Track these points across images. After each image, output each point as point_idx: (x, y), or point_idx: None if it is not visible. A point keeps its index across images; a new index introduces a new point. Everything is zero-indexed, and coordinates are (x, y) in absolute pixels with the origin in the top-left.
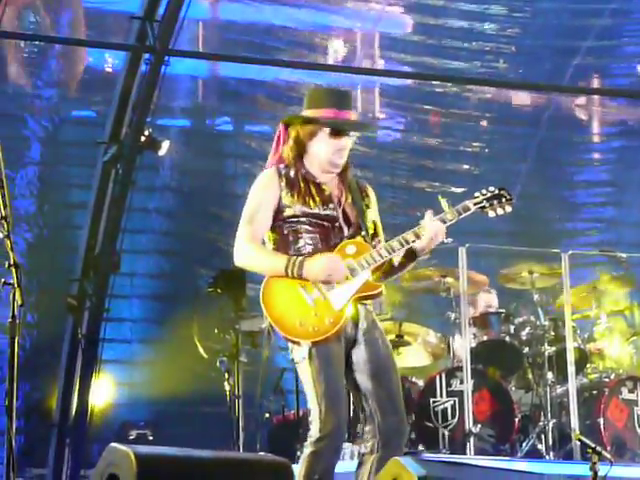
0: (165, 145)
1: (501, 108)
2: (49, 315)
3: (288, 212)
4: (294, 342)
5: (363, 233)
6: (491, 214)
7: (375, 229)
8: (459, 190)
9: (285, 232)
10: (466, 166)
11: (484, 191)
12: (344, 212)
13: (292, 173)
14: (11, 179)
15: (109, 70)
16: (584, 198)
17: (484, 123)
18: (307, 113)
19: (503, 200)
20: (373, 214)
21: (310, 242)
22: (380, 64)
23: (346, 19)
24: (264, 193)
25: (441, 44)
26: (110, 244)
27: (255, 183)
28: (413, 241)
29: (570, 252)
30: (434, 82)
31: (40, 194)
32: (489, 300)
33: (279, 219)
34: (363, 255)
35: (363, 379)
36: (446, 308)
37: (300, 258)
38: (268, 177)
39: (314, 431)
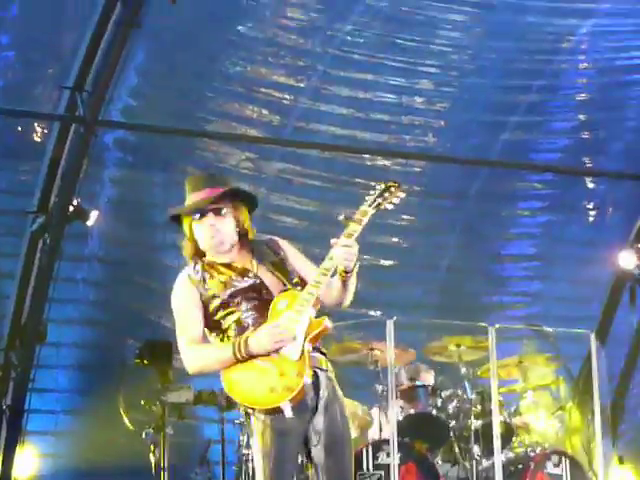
0: (93, 215)
1: (430, 181)
2: None
3: (216, 302)
4: (251, 409)
5: (289, 286)
6: (389, 206)
7: (299, 277)
8: (388, 263)
9: (223, 321)
10: (395, 239)
11: (372, 191)
12: (261, 278)
13: (199, 268)
14: None
15: (38, 139)
16: (511, 272)
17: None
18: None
19: (393, 189)
20: (292, 264)
21: (249, 319)
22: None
23: (276, 91)
24: (185, 300)
25: (370, 118)
26: (37, 314)
27: (174, 293)
28: (333, 269)
29: (497, 326)
30: (363, 155)
31: None
32: (426, 379)
33: (212, 314)
34: (295, 303)
35: (317, 451)
36: (373, 381)
37: (243, 338)
38: (182, 283)
39: None
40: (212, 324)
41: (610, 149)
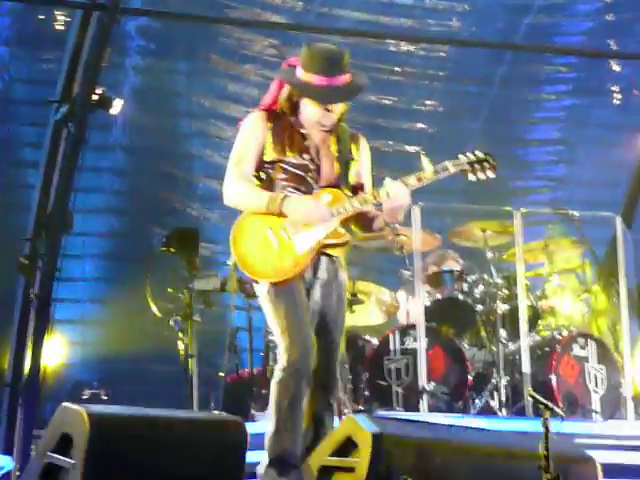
0: (117, 103)
1: (454, 67)
2: (0, 275)
3: (266, 157)
4: (254, 280)
5: (341, 185)
6: (471, 177)
7: (359, 182)
8: (413, 149)
9: (262, 177)
10: (420, 125)
11: (469, 154)
12: (320, 163)
13: (280, 119)
14: None
15: (60, 28)
16: (536, 156)
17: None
18: (300, 73)
19: (486, 165)
20: (360, 166)
21: (285, 185)
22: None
23: None
24: (251, 135)
25: (393, 2)
26: (62, 203)
27: (243, 125)
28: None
29: (522, 210)
30: (387, 40)
31: None
32: (452, 264)
33: (261, 161)
34: (336, 204)
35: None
36: (400, 266)
37: (282, 194)
38: (255, 120)
39: (280, 361)
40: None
41: (635, 31)
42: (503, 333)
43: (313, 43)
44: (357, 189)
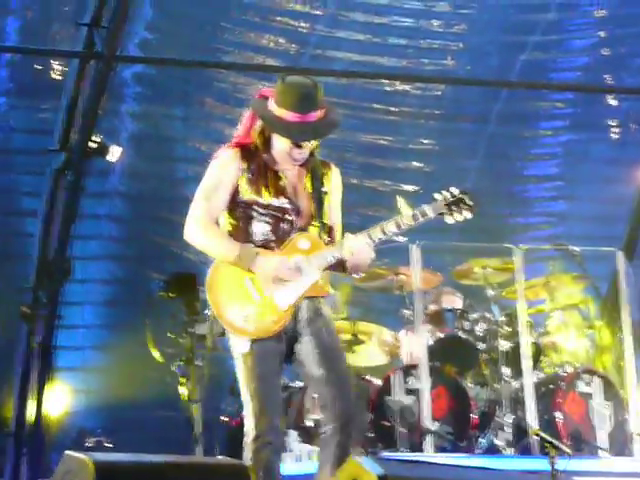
0: (114, 150)
1: (450, 105)
2: (3, 324)
3: (242, 197)
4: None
5: (317, 224)
6: (449, 220)
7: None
8: (411, 188)
9: (238, 217)
10: (417, 164)
11: (445, 193)
12: (297, 202)
13: (254, 157)
14: None
15: (58, 77)
16: (535, 192)
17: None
18: (272, 107)
19: (462, 205)
20: (333, 199)
21: (261, 231)
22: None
23: (292, 19)
24: (224, 172)
25: (387, 43)
26: (62, 251)
27: (215, 160)
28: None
29: (523, 247)
30: (382, 81)
31: None
32: (453, 302)
33: (234, 201)
34: (314, 252)
35: (312, 369)
36: (400, 306)
37: (254, 250)
38: (230, 157)
39: (248, 430)
40: (230, 212)
41: (631, 65)
42: (506, 371)
43: (287, 77)
44: (329, 230)
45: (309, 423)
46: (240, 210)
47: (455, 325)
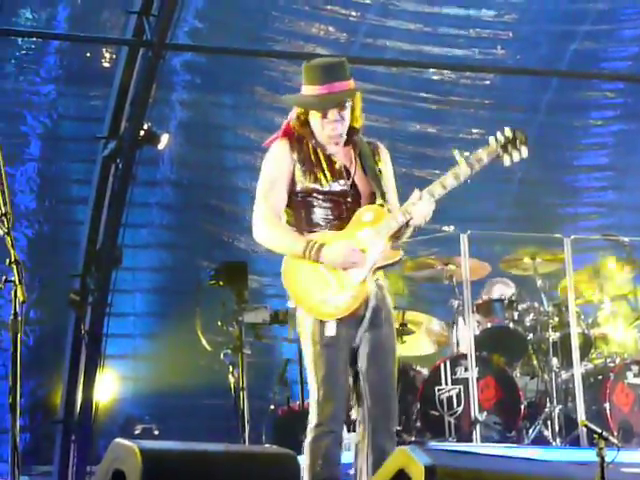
0: (164, 139)
1: (500, 94)
2: (52, 311)
3: (299, 187)
4: (321, 321)
5: (379, 201)
6: (506, 162)
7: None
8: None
9: (298, 206)
10: (466, 153)
11: (499, 135)
12: (356, 183)
13: (302, 144)
14: (11, 176)
15: (107, 65)
16: (584, 182)
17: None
18: (303, 90)
19: (517, 143)
20: (386, 177)
21: (323, 217)
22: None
23: (343, 8)
24: (278, 167)
25: (437, 32)
26: (111, 239)
27: (267, 156)
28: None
29: (572, 237)
30: (431, 70)
31: (40, 190)
32: (505, 292)
33: (292, 192)
34: (379, 222)
35: (360, 358)
36: (449, 296)
37: (318, 243)
38: (280, 149)
39: (312, 417)
40: (288, 204)
41: None
42: (555, 362)
43: (313, 59)
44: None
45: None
46: (300, 199)
47: (504, 315)
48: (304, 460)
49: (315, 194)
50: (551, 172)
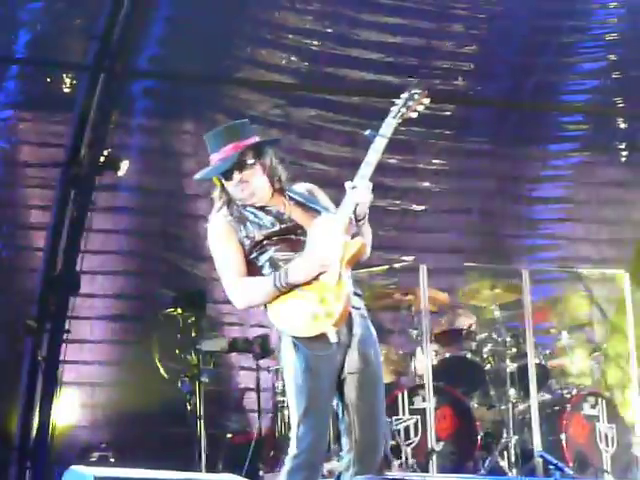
0: (124, 165)
1: (460, 125)
2: (8, 337)
3: (250, 243)
4: (316, 337)
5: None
6: (413, 115)
7: None
8: (419, 207)
9: (258, 262)
10: (426, 183)
11: (396, 101)
12: (295, 219)
13: (234, 210)
14: None
15: (67, 90)
16: (543, 214)
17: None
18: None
19: (416, 96)
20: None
21: (282, 257)
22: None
23: (305, 37)
24: (224, 239)
25: (398, 62)
26: (69, 265)
27: (210, 238)
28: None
29: (530, 268)
30: (393, 100)
31: None
32: (467, 322)
33: (246, 254)
34: (328, 226)
35: (349, 389)
36: (407, 325)
37: (283, 269)
38: (218, 224)
39: (291, 447)
40: (248, 264)
41: None
42: (512, 392)
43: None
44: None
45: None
46: (255, 255)
47: (462, 346)
48: None
49: (266, 240)
50: (510, 203)
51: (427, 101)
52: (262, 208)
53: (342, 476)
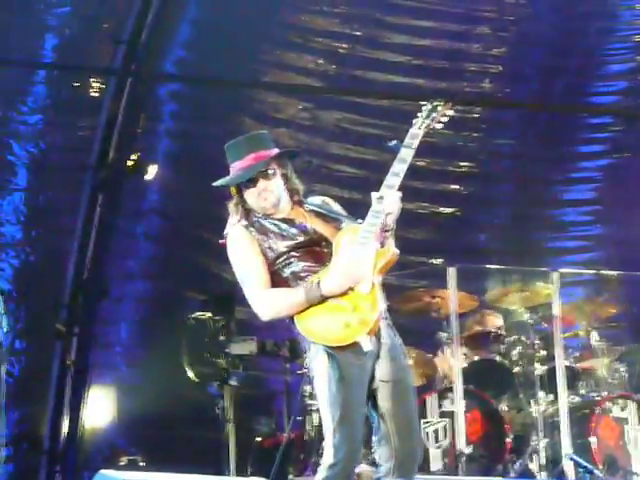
0: (152, 169)
1: (488, 128)
2: (38, 342)
3: (273, 254)
4: (348, 346)
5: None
6: (437, 126)
7: None
8: (448, 210)
9: (283, 274)
10: (455, 186)
11: (419, 113)
12: (317, 230)
13: (254, 222)
14: None
15: (95, 95)
16: (573, 216)
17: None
18: (230, 171)
19: (440, 108)
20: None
21: (307, 269)
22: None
23: (333, 40)
24: (246, 250)
25: (427, 65)
26: (98, 269)
27: (231, 249)
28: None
29: (560, 270)
30: (421, 102)
31: (27, 220)
32: (495, 323)
33: (270, 265)
34: (357, 234)
35: (382, 398)
36: (436, 328)
37: (315, 280)
38: (239, 234)
39: (327, 456)
40: (271, 275)
41: None
42: (541, 395)
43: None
44: None
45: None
46: (280, 267)
47: (491, 349)
48: None
49: (292, 252)
50: (539, 206)
51: (451, 112)
52: (283, 220)
53: None
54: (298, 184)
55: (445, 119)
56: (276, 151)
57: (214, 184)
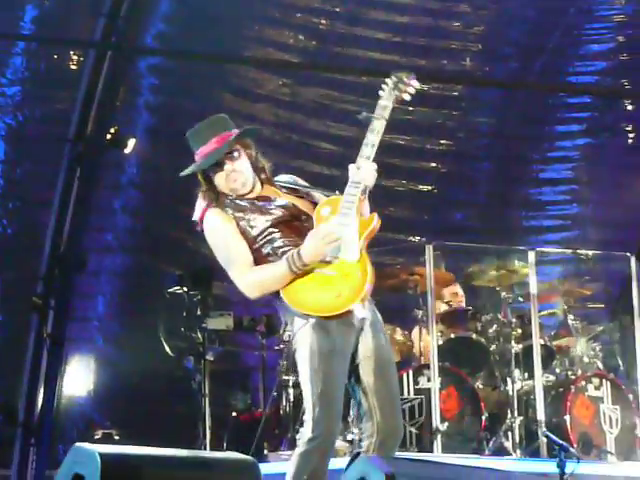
0: (130, 143)
1: (467, 106)
2: (14, 314)
3: (254, 232)
4: (346, 313)
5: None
6: (406, 97)
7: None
8: (426, 188)
9: (264, 250)
10: (433, 164)
11: (384, 85)
12: (294, 203)
13: (228, 203)
14: None
15: (74, 67)
16: (549, 196)
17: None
18: (196, 158)
19: (405, 79)
20: (314, 196)
21: (288, 243)
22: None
23: (313, 16)
24: (225, 231)
25: (407, 42)
26: (75, 242)
27: (209, 230)
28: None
29: (537, 249)
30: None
31: (4, 192)
32: (453, 289)
33: (251, 243)
34: (338, 205)
35: (365, 373)
36: (413, 306)
37: (295, 250)
38: (216, 218)
39: (306, 430)
40: (252, 253)
41: None
42: (517, 373)
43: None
44: None
45: (350, 437)
46: (260, 243)
47: (467, 326)
48: (289, 468)
49: (270, 227)
50: (516, 185)
51: (416, 83)
52: (257, 198)
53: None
54: (264, 161)
55: (412, 90)
56: (237, 131)
57: (182, 174)
